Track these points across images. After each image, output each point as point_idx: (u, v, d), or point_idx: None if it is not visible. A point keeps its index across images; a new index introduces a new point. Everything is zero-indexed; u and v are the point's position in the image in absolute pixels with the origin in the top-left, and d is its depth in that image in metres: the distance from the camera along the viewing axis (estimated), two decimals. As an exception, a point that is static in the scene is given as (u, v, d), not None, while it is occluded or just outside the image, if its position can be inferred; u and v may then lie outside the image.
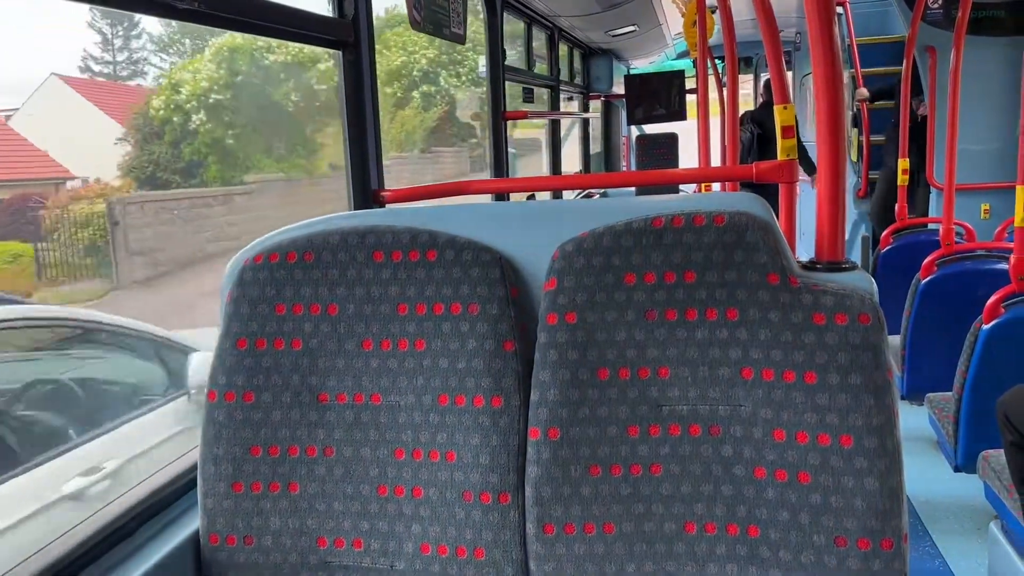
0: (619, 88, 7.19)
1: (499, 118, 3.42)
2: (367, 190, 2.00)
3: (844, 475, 1.14)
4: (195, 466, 1.36)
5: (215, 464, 1.32)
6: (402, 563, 1.28)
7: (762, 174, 1.58)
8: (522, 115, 4.23)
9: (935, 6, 4.70)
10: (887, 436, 1.13)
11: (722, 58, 4.24)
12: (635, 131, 7.60)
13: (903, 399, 3.51)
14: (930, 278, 3.37)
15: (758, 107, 6.91)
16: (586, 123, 6.98)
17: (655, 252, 1.22)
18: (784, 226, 1.61)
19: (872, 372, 1.14)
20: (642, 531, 1.22)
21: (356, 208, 1.99)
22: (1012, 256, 2.65)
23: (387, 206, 1.99)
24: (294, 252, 1.33)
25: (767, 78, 7.38)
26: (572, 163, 6.90)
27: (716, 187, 4.16)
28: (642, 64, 8.48)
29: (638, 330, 1.23)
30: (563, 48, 5.61)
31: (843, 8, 5.49)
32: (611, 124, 7.93)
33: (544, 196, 4.74)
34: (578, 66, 6.51)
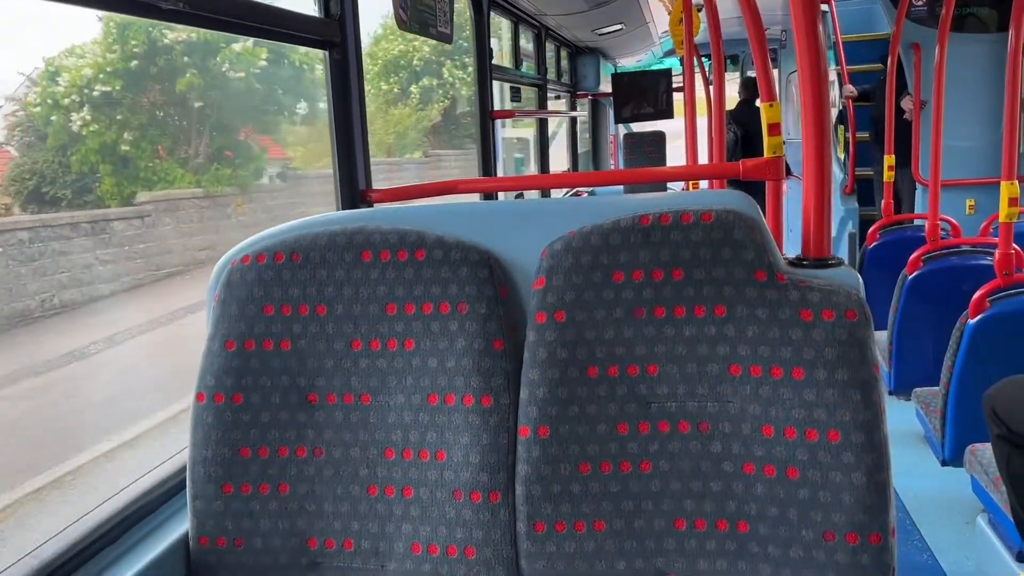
0: (606, 87, 7.21)
1: (487, 117, 3.42)
2: (355, 190, 1.99)
3: (832, 470, 1.14)
4: (184, 468, 1.36)
5: (204, 466, 1.31)
6: (392, 563, 1.28)
7: (749, 172, 1.59)
8: (510, 114, 4.23)
9: (919, 4, 4.73)
10: (874, 431, 1.14)
11: (708, 56, 4.26)
12: (623, 129, 7.61)
13: (890, 394, 3.54)
14: (916, 274, 3.39)
15: (737, 105, 6.91)
16: (574, 122, 6.99)
17: (643, 250, 1.23)
18: (771, 223, 1.62)
19: (859, 368, 1.15)
20: (632, 528, 1.22)
21: (344, 208, 1.98)
22: (997, 251, 2.68)
23: (375, 206, 1.99)
24: (282, 253, 1.33)
25: (744, 77, 7.42)
26: (560, 162, 6.91)
27: (704, 185, 4.18)
28: (629, 62, 8.49)
29: (626, 328, 1.23)
30: (550, 47, 5.61)
31: (828, 6, 5.51)
32: (599, 123, 7.95)
33: (532, 195, 4.74)
34: (565, 65, 6.51)
